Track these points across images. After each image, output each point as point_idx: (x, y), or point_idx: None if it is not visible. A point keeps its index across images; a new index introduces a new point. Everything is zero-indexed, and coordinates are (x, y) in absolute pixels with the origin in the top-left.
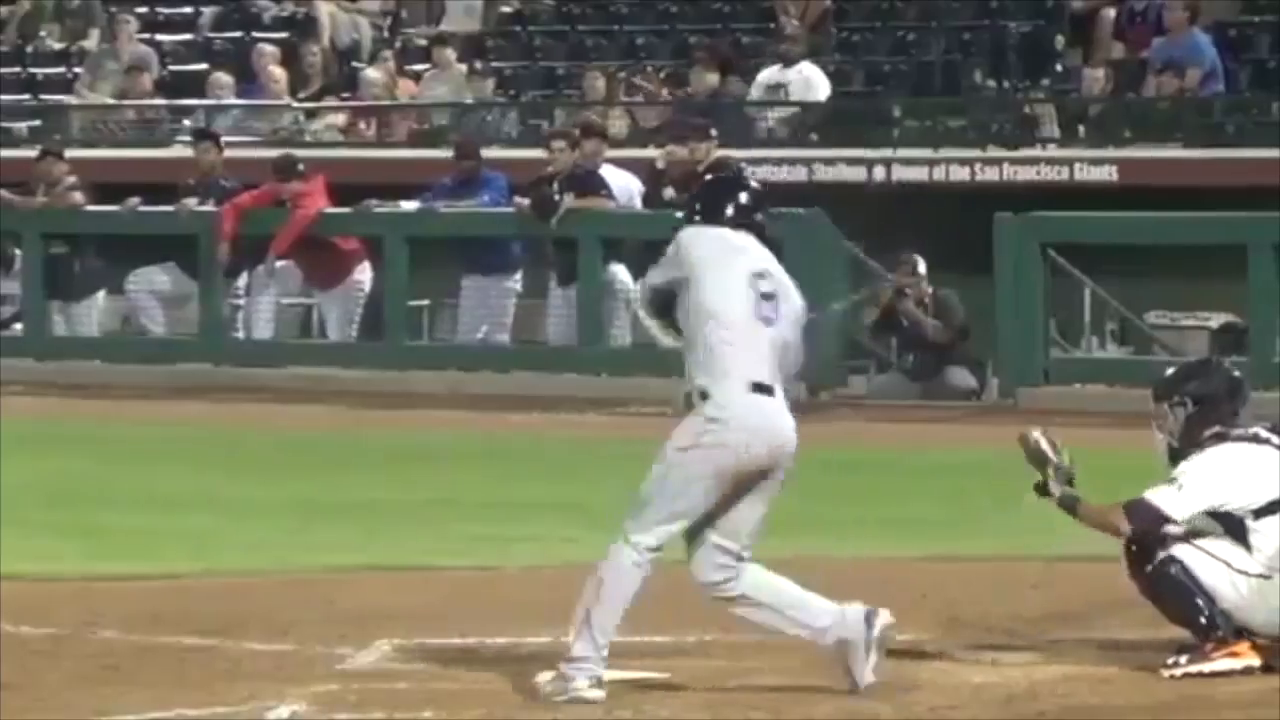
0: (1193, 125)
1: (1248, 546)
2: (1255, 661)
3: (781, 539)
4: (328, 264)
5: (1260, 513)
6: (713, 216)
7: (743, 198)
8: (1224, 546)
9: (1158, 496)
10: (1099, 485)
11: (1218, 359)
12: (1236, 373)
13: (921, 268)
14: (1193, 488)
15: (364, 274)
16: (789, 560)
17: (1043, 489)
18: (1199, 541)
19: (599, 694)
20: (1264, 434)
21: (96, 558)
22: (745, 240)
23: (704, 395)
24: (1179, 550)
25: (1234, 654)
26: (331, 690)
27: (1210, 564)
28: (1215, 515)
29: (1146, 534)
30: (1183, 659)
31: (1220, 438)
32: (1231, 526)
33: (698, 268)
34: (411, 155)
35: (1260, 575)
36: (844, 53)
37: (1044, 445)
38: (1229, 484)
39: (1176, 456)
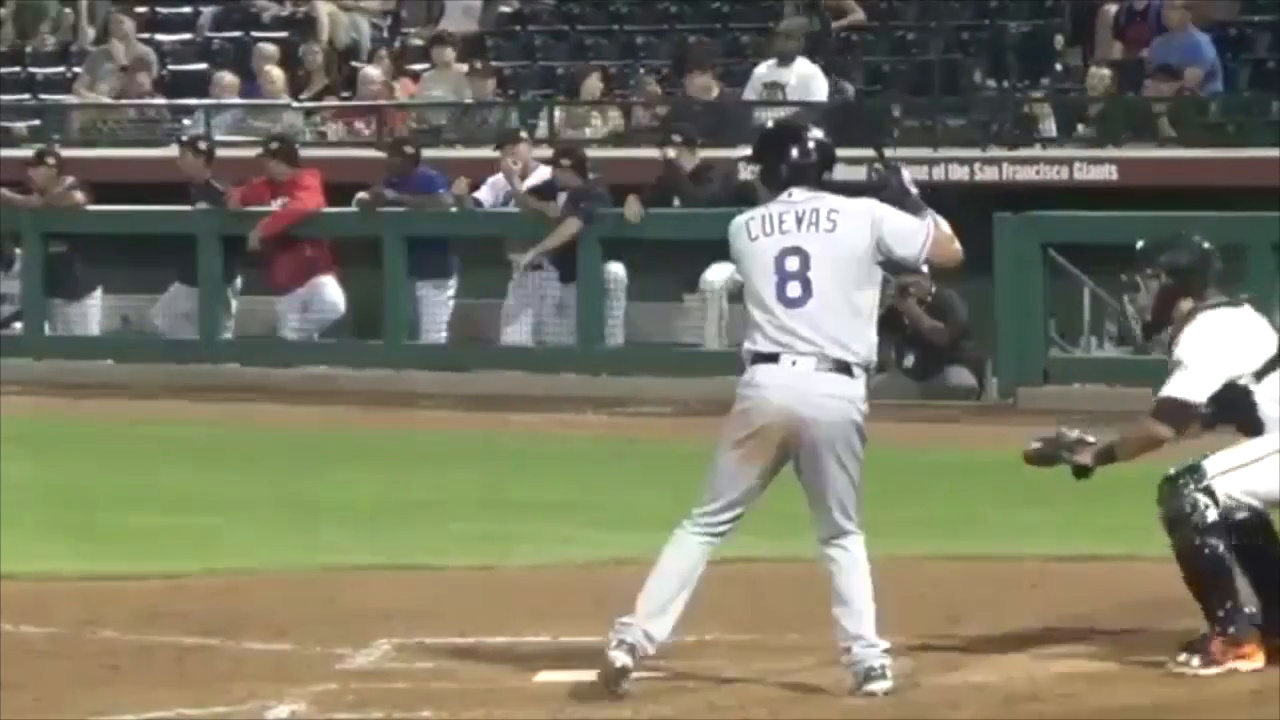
0: (1192, 125)
1: (1258, 422)
2: (1260, 664)
3: (781, 539)
4: (288, 265)
5: (1260, 374)
6: (769, 179)
7: (794, 153)
8: (1250, 446)
9: (1174, 388)
10: (1099, 484)
11: (1188, 233)
12: (1208, 244)
13: (925, 266)
14: (1199, 366)
15: (327, 284)
16: (788, 560)
17: (1079, 472)
18: (1233, 476)
19: None
20: (1237, 299)
21: (96, 558)
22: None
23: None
24: (1218, 522)
25: (1242, 656)
26: (331, 690)
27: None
28: (1223, 396)
29: (1184, 428)
30: (1194, 661)
31: (1196, 311)
32: (1238, 404)
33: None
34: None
35: None
36: (843, 52)
37: (1038, 446)
38: (1228, 351)
39: (1149, 330)
